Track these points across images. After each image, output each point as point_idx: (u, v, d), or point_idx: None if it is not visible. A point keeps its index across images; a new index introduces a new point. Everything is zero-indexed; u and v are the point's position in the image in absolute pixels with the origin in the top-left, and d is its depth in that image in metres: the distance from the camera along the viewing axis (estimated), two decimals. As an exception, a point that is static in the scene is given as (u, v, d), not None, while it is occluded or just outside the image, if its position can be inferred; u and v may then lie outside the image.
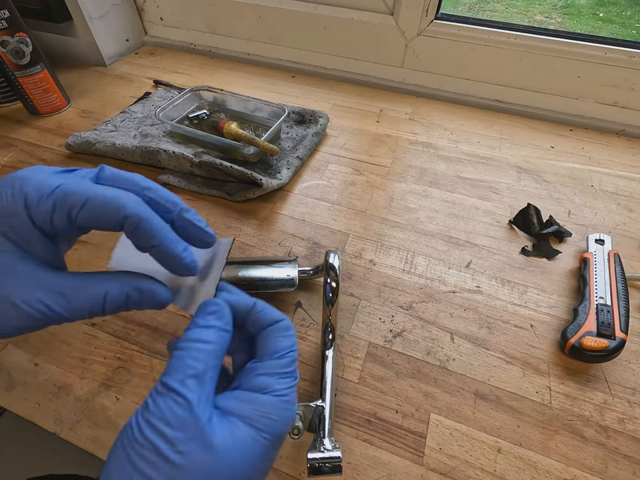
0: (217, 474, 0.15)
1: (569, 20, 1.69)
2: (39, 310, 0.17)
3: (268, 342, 0.20)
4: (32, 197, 0.17)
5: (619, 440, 0.30)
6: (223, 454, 0.16)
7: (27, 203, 0.17)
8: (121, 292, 0.19)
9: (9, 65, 0.56)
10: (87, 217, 0.17)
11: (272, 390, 0.18)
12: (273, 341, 0.20)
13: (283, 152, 0.54)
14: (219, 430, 0.16)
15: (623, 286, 0.37)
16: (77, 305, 0.18)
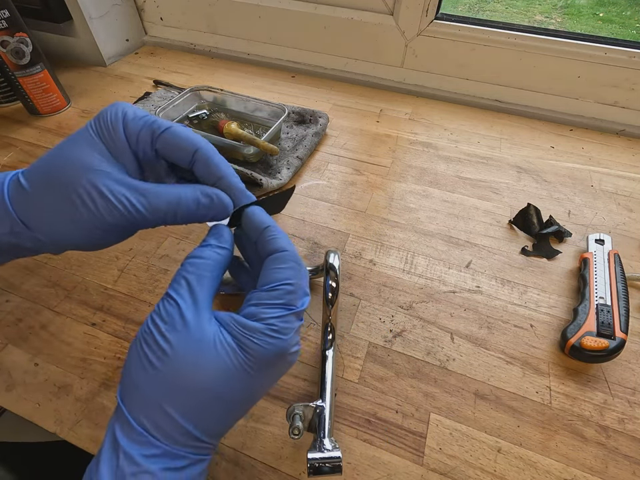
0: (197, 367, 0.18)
1: (569, 20, 1.69)
2: (123, 203, 0.20)
3: (265, 271, 0.21)
4: (129, 115, 0.21)
5: (619, 440, 0.30)
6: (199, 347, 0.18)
7: (125, 118, 0.21)
8: (194, 196, 0.21)
9: (9, 65, 0.56)
10: (166, 142, 0.21)
11: (259, 318, 0.19)
12: (268, 271, 0.20)
13: (283, 152, 0.54)
14: (207, 332, 0.18)
15: (622, 286, 0.37)
16: (155, 205, 0.20)
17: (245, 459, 0.29)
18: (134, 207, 0.20)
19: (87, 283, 0.40)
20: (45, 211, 0.20)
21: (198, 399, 0.18)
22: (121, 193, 0.20)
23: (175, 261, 0.42)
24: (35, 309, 0.37)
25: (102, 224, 0.20)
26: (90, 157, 0.20)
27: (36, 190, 0.20)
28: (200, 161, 0.22)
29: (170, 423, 0.18)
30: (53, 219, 0.20)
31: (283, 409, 0.31)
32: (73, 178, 0.20)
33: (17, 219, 0.20)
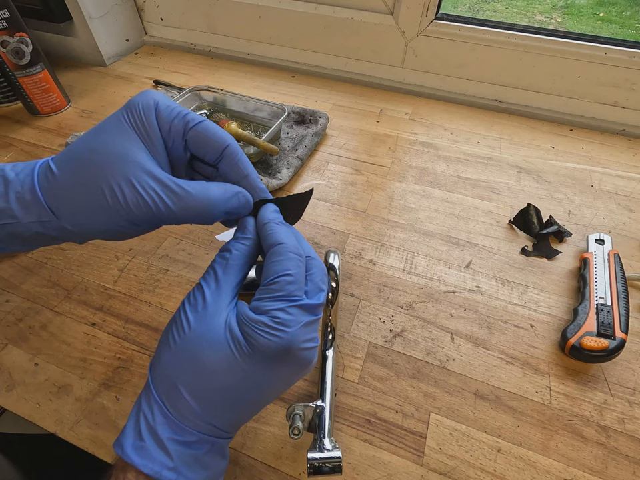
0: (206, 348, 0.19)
1: (569, 20, 1.69)
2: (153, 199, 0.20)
3: (265, 266, 0.21)
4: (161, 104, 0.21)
5: (619, 440, 0.30)
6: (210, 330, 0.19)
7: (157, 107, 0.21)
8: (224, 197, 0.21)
9: (9, 65, 0.56)
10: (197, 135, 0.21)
11: (262, 311, 0.19)
12: (267, 265, 0.21)
13: (282, 152, 0.54)
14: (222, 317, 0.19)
15: (623, 286, 0.37)
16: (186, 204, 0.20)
17: (245, 459, 0.29)
18: (165, 203, 0.20)
19: (86, 283, 0.40)
20: (73, 199, 0.20)
21: (204, 379, 0.19)
22: (152, 189, 0.20)
23: (175, 261, 0.42)
24: (35, 309, 0.37)
25: (130, 217, 0.20)
26: (122, 147, 0.20)
27: (65, 178, 0.20)
28: (227, 158, 0.22)
29: (179, 398, 0.19)
30: (82, 208, 0.20)
31: (283, 409, 0.31)
32: (104, 168, 0.20)
33: (46, 207, 0.20)
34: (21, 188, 0.20)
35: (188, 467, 0.19)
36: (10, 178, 0.20)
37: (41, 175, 0.20)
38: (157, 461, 0.18)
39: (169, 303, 0.38)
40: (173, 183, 0.20)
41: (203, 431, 0.19)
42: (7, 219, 0.20)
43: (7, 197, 0.20)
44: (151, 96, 0.21)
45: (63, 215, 0.20)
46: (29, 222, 0.20)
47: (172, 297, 0.39)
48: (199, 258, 0.42)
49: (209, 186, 0.21)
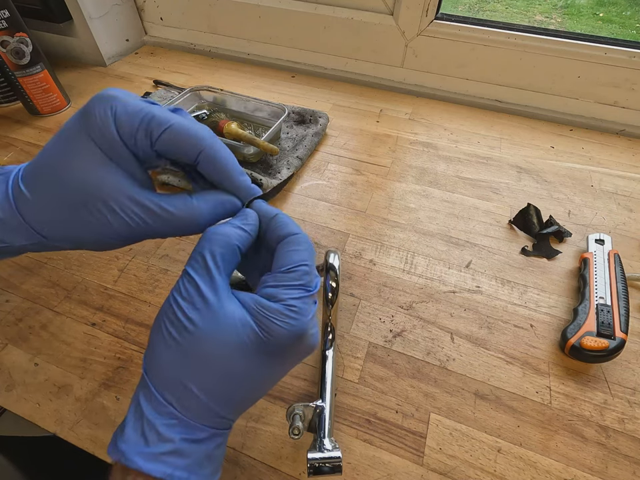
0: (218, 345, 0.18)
1: (568, 20, 1.69)
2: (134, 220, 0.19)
3: (279, 255, 0.20)
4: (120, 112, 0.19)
5: (619, 440, 0.30)
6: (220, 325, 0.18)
7: (116, 117, 0.19)
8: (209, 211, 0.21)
9: (9, 65, 0.56)
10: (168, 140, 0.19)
11: (279, 299, 0.19)
12: (284, 254, 0.20)
13: (282, 152, 0.54)
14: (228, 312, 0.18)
15: (623, 286, 0.37)
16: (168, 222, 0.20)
17: (245, 459, 0.29)
18: (148, 225, 0.20)
19: (86, 283, 0.40)
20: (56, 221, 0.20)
21: (218, 376, 0.18)
22: (133, 212, 0.19)
23: (175, 261, 0.42)
24: (35, 309, 0.37)
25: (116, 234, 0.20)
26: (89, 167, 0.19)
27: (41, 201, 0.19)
28: (205, 161, 0.21)
29: (190, 398, 0.18)
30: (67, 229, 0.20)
31: (283, 409, 0.31)
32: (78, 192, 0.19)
33: (32, 231, 0.20)
34: (2, 213, 0.19)
35: (199, 464, 0.19)
36: None
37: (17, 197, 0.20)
38: (169, 463, 0.18)
39: (168, 303, 0.38)
40: (153, 204, 0.19)
41: (214, 424, 0.19)
42: None
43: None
44: (108, 102, 0.19)
45: (50, 235, 0.20)
46: (20, 245, 0.20)
47: (172, 297, 0.39)
48: (198, 258, 0.42)
49: (193, 202, 0.20)
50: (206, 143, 0.20)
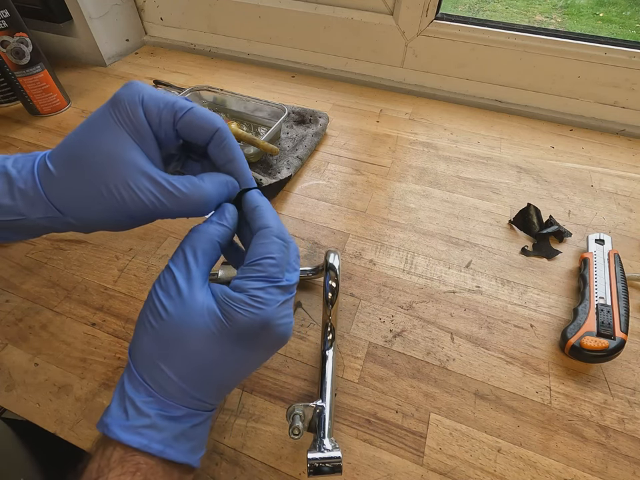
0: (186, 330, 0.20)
1: (568, 20, 1.69)
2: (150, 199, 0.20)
3: (250, 248, 0.22)
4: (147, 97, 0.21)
5: (619, 440, 0.30)
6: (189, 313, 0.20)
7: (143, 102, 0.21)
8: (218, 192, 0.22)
9: (9, 65, 0.56)
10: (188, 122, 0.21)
11: (242, 289, 0.20)
12: (253, 247, 0.22)
13: (282, 152, 0.54)
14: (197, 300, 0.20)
15: (622, 286, 0.37)
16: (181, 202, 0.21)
17: (245, 459, 0.29)
18: (161, 202, 0.21)
19: (86, 283, 0.40)
20: (74, 197, 0.21)
21: (187, 359, 0.20)
22: (148, 190, 0.20)
23: (175, 261, 0.42)
24: (35, 309, 0.37)
25: (128, 212, 0.21)
26: (114, 147, 0.20)
27: (62, 176, 0.21)
28: (216, 141, 0.23)
29: (164, 378, 0.20)
30: (83, 205, 0.21)
31: (283, 409, 0.31)
32: (101, 168, 0.20)
33: (50, 205, 0.21)
34: (24, 185, 0.21)
35: (175, 439, 0.20)
36: (13, 175, 0.21)
37: (41, 173, 0.21)
38: (145, 435, 0.19)
39: (169, 303, 0.38)
40: (167, 182, 0.21)
41: (189, 405, 0.20)
42: (15, 216, 0.21)
43: (12, 195, 0.21)
44: (136, 90, 0.21)
45: (67, 211, 0.21)
46: (36, 218, 0.21)
47: (172, 297, 0.39)
48: (199, 258, 0.42)
49: (201, 183, 0.22)
50: (220, 125, 0.22)
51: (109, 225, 0.22)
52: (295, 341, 0.36)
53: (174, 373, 0.20)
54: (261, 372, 0.33)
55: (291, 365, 0.34)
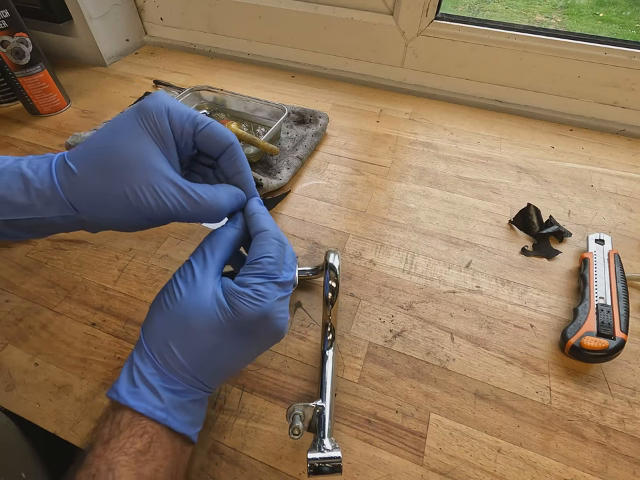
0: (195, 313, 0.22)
1: (568, 20, 1.69)
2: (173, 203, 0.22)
3: (250, 249, 0.24)
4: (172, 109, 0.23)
5: (619, 440, 0.30)
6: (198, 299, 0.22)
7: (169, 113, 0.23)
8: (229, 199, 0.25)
9: (9, 65, 0.56)
10: (206, 135, 0.24)
11: (245, 285, 0.22)
12: (253, 248, 0.24)
13: (282, 152, 0.54)
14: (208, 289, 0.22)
15: (623, 286, 0.37)
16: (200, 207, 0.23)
17: (245, 459, 0.29)
18: (183, 207, 0.22)
19: (86, 283, 0.40)
20: (95, 197, 0.22)
21: (193, 340, 0.22)
22: (172, 195, 0.22)
23: (174, 261, 0.42)
24: (35, 309, 0.37)
25: (149, 215, 0.22)
26: (141, 152, 0.22)
27: (86, 176, 0.22)
28: (228, 154, 0.25)
29: (170, 354, 0.22)
30: (103, 205, 0.22)
31: (283, 409, 0.31)
32: (126, 171, 0.21)
33: (67, 203, 0.22)
34: (41, 185, 0.22)
35: (175, 409, 0.22)
36: (29, 176, 0.22)
37: (59, 173, 0.22)
38: (150, 403, 0.21)
39: (169, 303, 0.38)
40: (190, 189, 0.23)
41: (188, 382, 0.22)
42: (30, 214, 0.22)
43: (29, 194, 0.21)
44: (162, 101, 0.23)
45: (84, 210, 0.22)
46: (50, 217, 0.22)
47: (172, 297, 0.39)
48: (199, 258, 0.42)
49: (217, 192, 0.24)
50: (234, 140, 0.25)
51: (122, 226, 0.24)
52: (295, 340, 0.36)
53: (178, 350, 0.22)
54: (261, 372, 0.33)
55: (290, 365, 0.34)
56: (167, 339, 0.22)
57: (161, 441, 0.21)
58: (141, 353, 0.22)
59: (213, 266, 0.23)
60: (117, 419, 0.21)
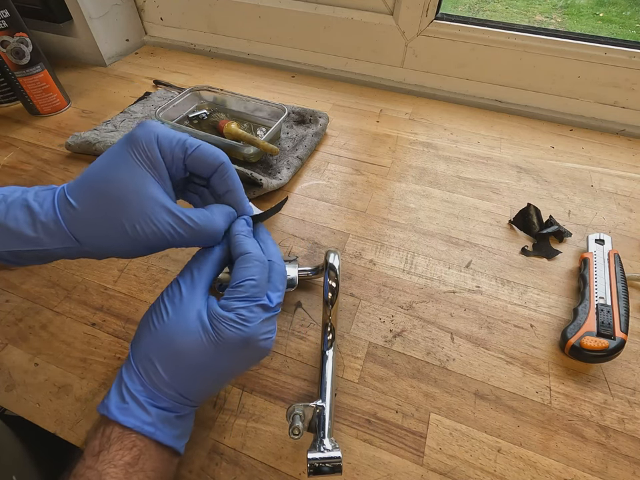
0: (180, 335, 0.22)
1: (568, 20, 1.69)
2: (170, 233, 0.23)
3: (233, 272, 0.24)
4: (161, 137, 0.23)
5: (619, 440, 0.30)
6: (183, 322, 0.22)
7: (158, 141, 0.23)
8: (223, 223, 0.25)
9: (9, 65, 0.56)
10: (196, 157, 0.24)
11: (230, 309, 0.23)
12: (235, 271, 0.24)
13: (282, 152, 0.54)
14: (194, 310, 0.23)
15: (622, 286, 0.37)
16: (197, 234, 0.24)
17: (245, 459, 0.29)
18: (179, 234, 0.23)
19: (86, 283, 0.40)
20: (95, 230, 0.23)
21: (176, 360, 0.22)
22: (167, 223, 0.23)
23: (174, 261, 0.42)
24: (35, 309, 0.37)
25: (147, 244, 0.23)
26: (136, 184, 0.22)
27: (85, 210, 0.22)
28: (220, 173, 0.25)
29: (155, 372, 0.22)
30: (103, 237, 0.23)
31: (283, 409, 0.31)
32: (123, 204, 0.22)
33: (70, 236, 0.22)
34: (45, 218, 0.22)
35: (163, 424, 0.23)
36: (35, 210, 0.22)
37: (61, 207, 0.23)
38: (138, 418, 0.22)
39: (169, 303, 0.38)
40: (185, 216, 0.23)
41: (173, 399, 0.23)
42: (35, 246, 0.23)
43: (35, 227, 0.22)
44: (150, 129, 0.23)
45: (85, 241, 0.23)
46: (54, 248, 0.23)
47: (172, 297, 0.39)
48: (199, 258, 0.42)
49: (212, 215, 0.24)
50: (224, 160, 0.25)
51: (124, 254, 0.24)
52: (295, 340, 0.36)
53: (162, 368, 0.22)
54: (261, 372, 0.33)
55: (290, 365, 0.34)
56: (153, 357, 0.22)
57: (149, 453, 0.22)
58: (129, 370, 0.23)
59: (199, 286, 0.24)
60: (107, 433, 0.22)
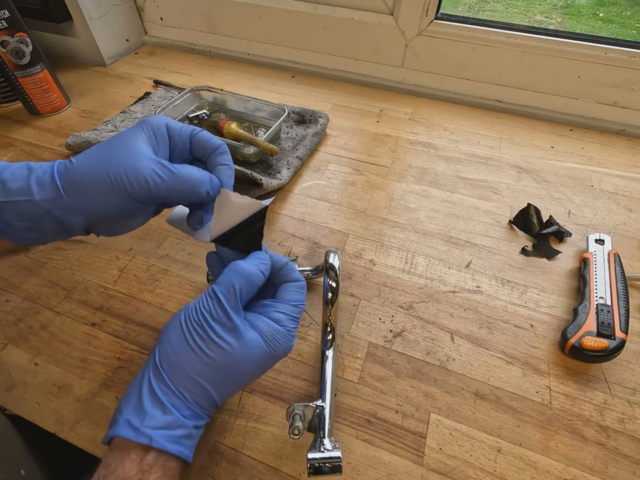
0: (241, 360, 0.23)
1: (568, 20, 1.69)
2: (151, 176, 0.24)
3: (288, 292, 0.27)
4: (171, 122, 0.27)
5: (619, 440, 0.30)
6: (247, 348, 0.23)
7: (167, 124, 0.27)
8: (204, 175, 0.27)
9: (9, 65, 0.56)
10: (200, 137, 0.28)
11: (284, 325, 0.25)
12: (292, 292, 0.27)
13: (282, 152, 0.54)
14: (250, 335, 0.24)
15: (622, 286, 0.37)
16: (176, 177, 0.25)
17: (245, 459, 0.29)
18: (160, 178, 0.24)
19: (86, 283, 0.40)
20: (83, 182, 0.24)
21: (234, 383, 0.24)
22: (150, 167, 0.24)
23: (174, 261, 0.42)
24: (35, 309, 0.37)
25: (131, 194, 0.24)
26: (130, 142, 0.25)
27: (80, 165, 0.24)
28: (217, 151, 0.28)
29: (204, 396, 0.23)
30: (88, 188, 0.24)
31: (283, 409, 0.31)
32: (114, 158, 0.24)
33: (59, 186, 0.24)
34: (42, 174, 0.24)
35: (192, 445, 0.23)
36: (33, 167, 0.24)
37: (61, 165, 0.25)
38: (183, 444, 0.22)
39: (169, 303, 0.38)
40: (166, 162, 0.25)
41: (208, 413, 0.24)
42: (22, 196, 0.23)
43: (28, 179, 0.24)
44: (161, 118, 0.27)
45: (72, 194, 0.24)
46: (41, 199, 0.23)
47: (172, 297, 0.39)
48: (199, 258, 0.42)
49: (192, 169, 0.26)
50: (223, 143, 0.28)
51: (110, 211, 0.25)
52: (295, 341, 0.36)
53: (217, 392, 0.23)
54: (261, 372, 0.33)
55: (290, 365, 0.34)
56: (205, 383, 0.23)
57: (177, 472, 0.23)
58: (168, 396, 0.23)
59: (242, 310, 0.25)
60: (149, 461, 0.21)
